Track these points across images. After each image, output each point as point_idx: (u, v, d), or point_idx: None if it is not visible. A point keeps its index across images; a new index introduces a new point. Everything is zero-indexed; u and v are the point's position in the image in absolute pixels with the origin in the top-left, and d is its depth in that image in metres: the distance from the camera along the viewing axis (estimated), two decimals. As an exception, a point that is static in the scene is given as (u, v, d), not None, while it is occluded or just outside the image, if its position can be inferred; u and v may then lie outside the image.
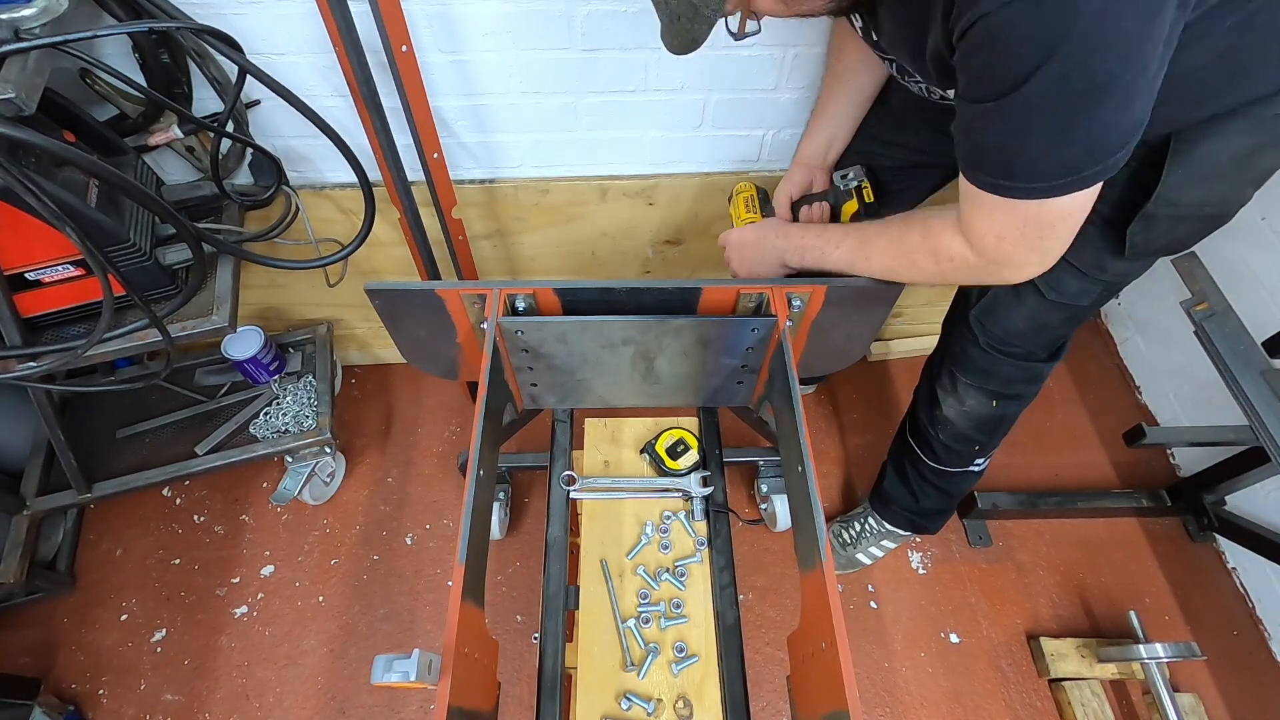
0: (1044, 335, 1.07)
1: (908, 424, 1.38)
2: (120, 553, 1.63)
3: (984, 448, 1.27)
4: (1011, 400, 1.17)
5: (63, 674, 1.47)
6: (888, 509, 1.50)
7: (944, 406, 1.23)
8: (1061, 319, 1.03)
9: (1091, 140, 0.64)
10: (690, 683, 0.96)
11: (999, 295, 1.05)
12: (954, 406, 1.21)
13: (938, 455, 1.31)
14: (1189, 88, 0.72)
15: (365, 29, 0.98)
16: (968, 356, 1.14)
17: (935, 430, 1.27)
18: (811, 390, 1.90)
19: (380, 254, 1.52)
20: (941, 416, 1.24)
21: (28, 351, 1.05)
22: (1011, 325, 1.06)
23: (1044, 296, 0.99)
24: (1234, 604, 1.60)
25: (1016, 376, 1.13)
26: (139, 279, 1.08)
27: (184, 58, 1.08)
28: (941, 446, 1.29)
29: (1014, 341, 1.08)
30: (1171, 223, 0.84)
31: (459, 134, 1.28)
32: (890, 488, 1.47)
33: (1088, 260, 0.93)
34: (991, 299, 1.07)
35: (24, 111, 0.78)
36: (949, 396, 1.21)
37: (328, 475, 1.68)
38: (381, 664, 0.63)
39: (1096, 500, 1.68)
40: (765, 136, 1.34)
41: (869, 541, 1.56)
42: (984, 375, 1.14)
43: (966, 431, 1.23)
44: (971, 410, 1.19)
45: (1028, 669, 1.50)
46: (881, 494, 1.50)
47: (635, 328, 0.95)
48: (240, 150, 1.25)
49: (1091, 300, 0.99)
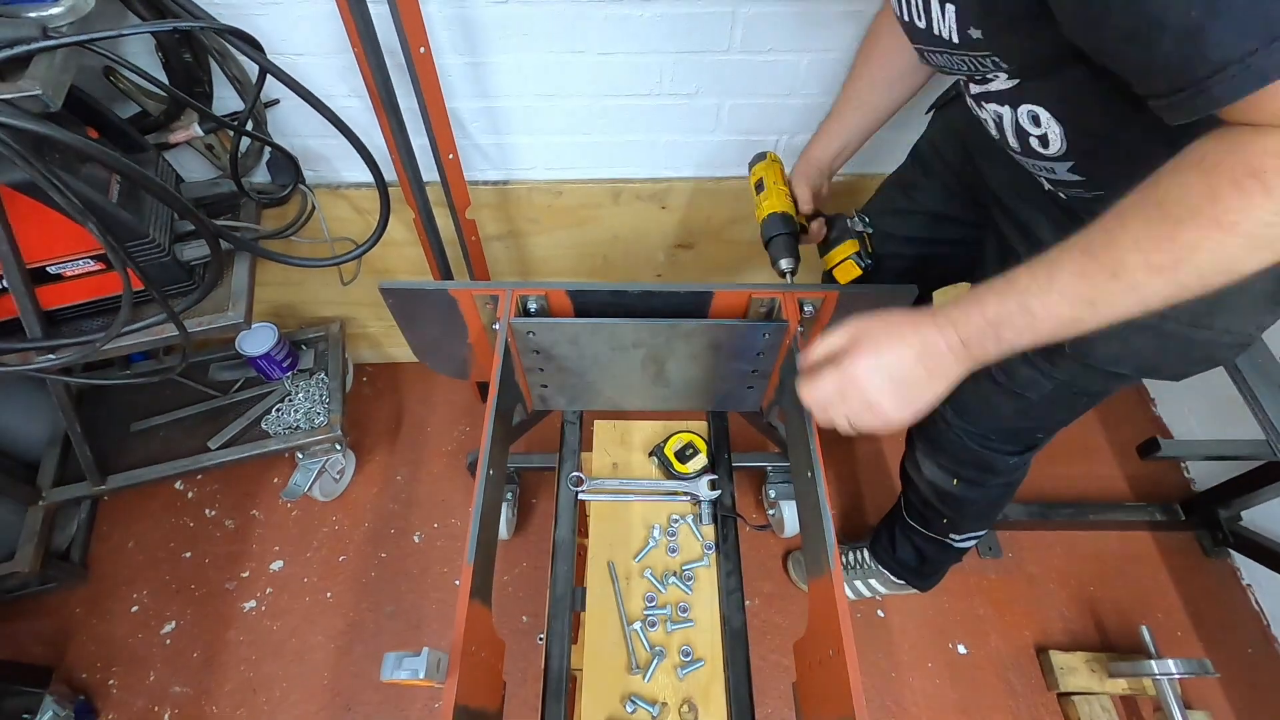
0: (996, 421, 0.99)
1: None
2: (132, 545, 1.65)
3: (954, 524, 1.20)
4: (970, 484, 1.10)
5: (74, 663, 1.49)
6: (874, 548, 1.49)
7: (909, 465, 1.21)
8: (1013, 409, 0.94)
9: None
10: (696, 687, 0.96)
11: None
12: (916, 470, 1.19)
13: (910, 512, 1.30)
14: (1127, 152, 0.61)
15: (384, 30, 0.99)
16: (924, 422, 1.07)
17: (905, 485, 1.27)
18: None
19: (394, 253, 1.53)
20: (908, 474, 1.23)
21: (47, 344, 1.07)
22: (964, 399, 0.95)
23: (994, 378, 0.91)
24: (1248, 621, 1.58)
25: (967, 458, 1.06)
26: (157, 274, 1.09)
27: (206, 57, 1.10)
28: (911, 504, 1.28)
29: (966, 418, 1.02)
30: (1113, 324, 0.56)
31: (474, 135, 1.29)
32: (880, 529, 1.47)
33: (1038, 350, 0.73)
34: None
35: (50, 108, 0.79)
36: (911, 458, 1.19)
37: (338, 472, 1.69)
38: (391, 661, 0.64)
39: (1109, 513, 1.66)
40: (779, 142, 1.34)
41: (858, 574, 1.54)
42: (934, 446, 1.10)
43: (929, 499, 1.19)
44: (932, 480, 1.15)
45: (1036, 682, 1.49)
46: (875, 533, 1.50)
47: (646, 331, 0.95)
48: (259, 149, 1.27)
49: (1041, 396, 0.88)
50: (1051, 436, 1.04)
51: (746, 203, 1.46)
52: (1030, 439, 1.03)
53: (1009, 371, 0.89)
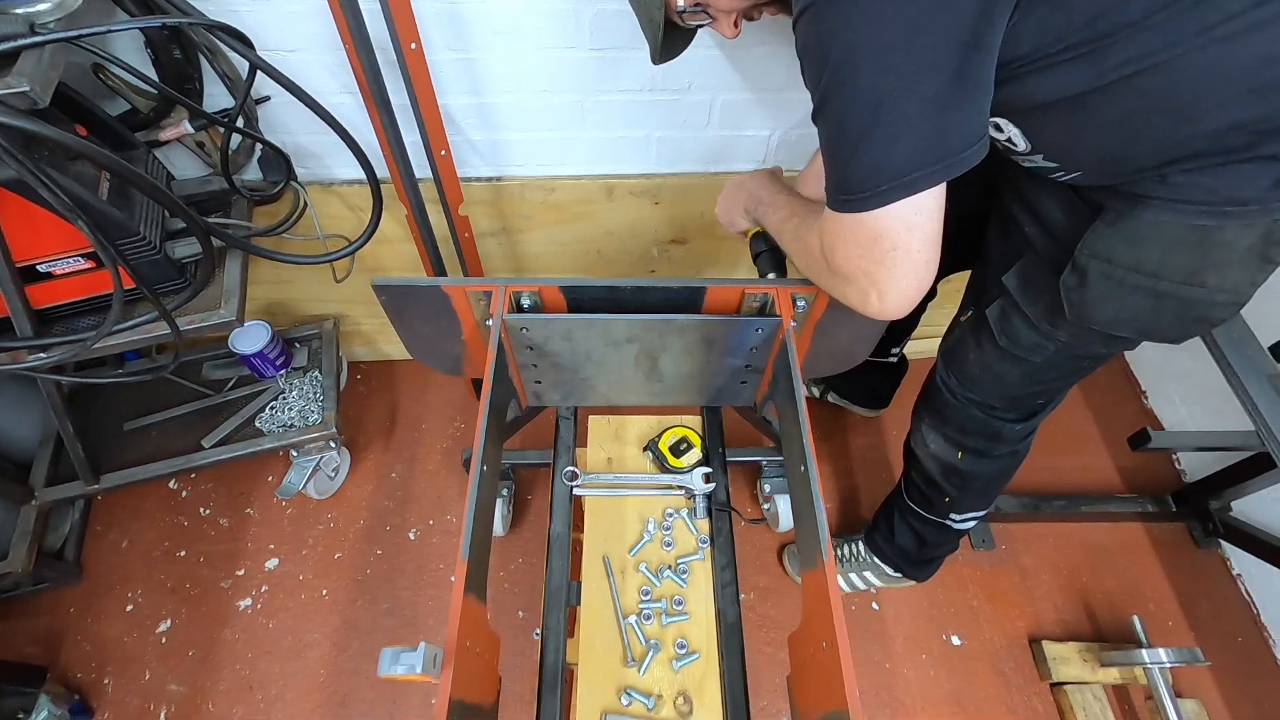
0: (1000, 387, 1.02)
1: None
2: (126, 544, 1.65)
3: (955, 502, 1.22)
4: (976, 455, 1.12)
5: (69, 663, 1.49)
6: (871, 540, 1.50)
7: (914, 442, 1.22)
8: (1019, 375, 0.97)
9: (876, 154, 0.62)
10: (691, 679, 0.96)
11: (962, 334, 1.03)
12: (922, 445, 1.20)
13: (912, 493, 1.31)
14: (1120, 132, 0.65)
15: (375, 26, 0.99)
16: (930, 393, 1.12)
17: (909, 464, 1.28)
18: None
19: (386, 250, 1.53)
20: (913, 451, 1.24)
21: (38, 342, 1.06)
22: (968, 368, 1.02)
23: (997, 343, 0.95)
24: (1238, 610, 1.59)
25: (973, 428, 1.09)
26: (149, 272, 1.09)
27: (196, 54, 1.09)
28: (913, 484, 1.29)
29: (970, 387, 1.05)
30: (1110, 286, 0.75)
31: (466, 132, 1.29)
32: (877, 517, 1.48)
33: (1040, 310, 0.87)
34: (957, 337, 1.04)
35: (38, 105, 0.78)
36: (917, 434, 1.20)
37: (332, 470, 1.69)
38: (388, 657, 0.64)
39: (1101, 504, 1.68)
40: (772, 137, 1.34)
41: (853, 567, 1.55)
42: (940, 417, 1.12)
43: (933, 475, 1.20)
44: (937, 454, 1.17)
45: (1030, 672, 1.50)
46: (872, 522, 1.51)
47: (640, 326, 0.96)
48: (250, 146, 1.26)
49: (1045, 359, 0.92)
50: (1054, 404, 1.07)
51: (740, 198, 1.47)
52: (1033, 405, 1.06)
53: (1012, 337, 0.93)
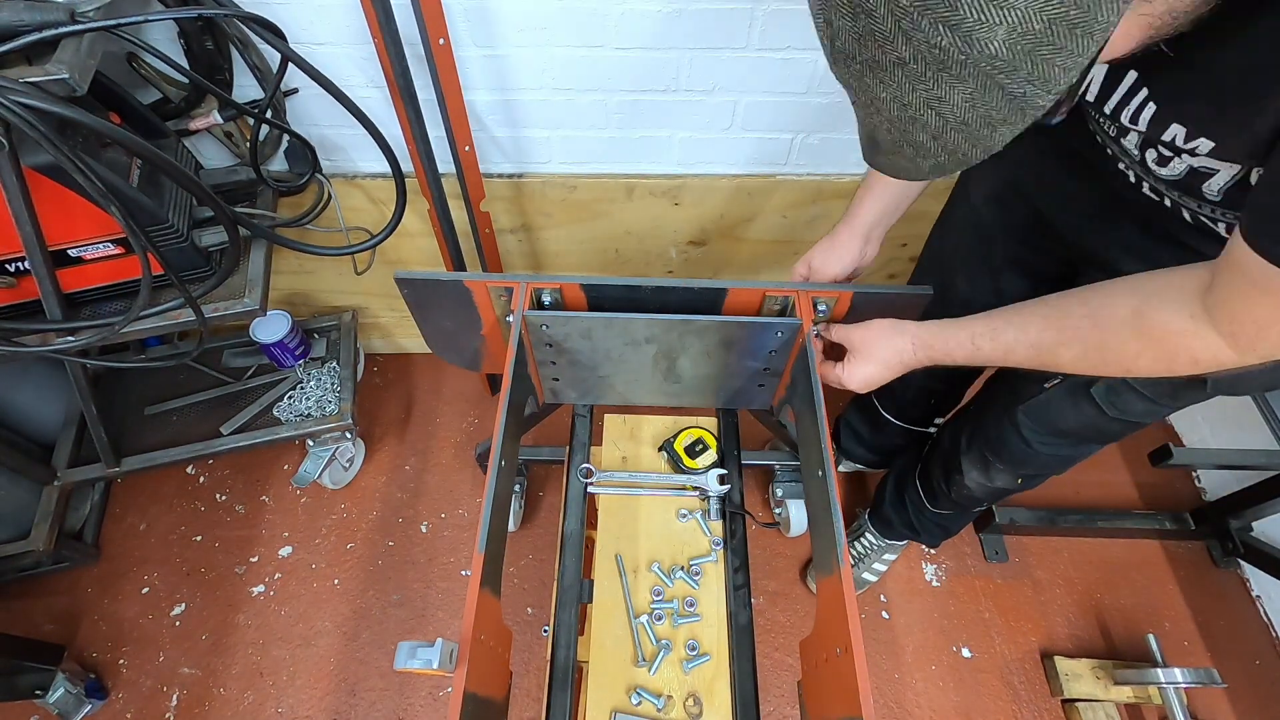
0: (1096, 438, 1.03)
1: (920, 467, 1.37)
2: (144, 527, 1.67)
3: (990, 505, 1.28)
4: (1039, 479, 1.15)
5: (85, 642, 1.51)
6: (889, 529, 1.51)
7: (966, 478, 1.21)
8: (1120, 429, 0.97)
9: None
10: (701, 681, 0.96)
11: (1054, 398, 0.99)
12: (978, 481, 1.19)
13: (940, 506, 1.32)
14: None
15: (404, 21, 1.00)
16: (1007, 446, 1.10)
17: (950, 490, 1.27)
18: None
19: (407, 244, 1.54)
20: (961, 483, 1.23)
21: (67, 326, 1.08)
22: (1064, 425, 1.01)
23: (1105, 413, 0.93)
24: (1257, 632, 1.57)
25: (1054, 465, 1.10)
26: (176, 259, 1.10)
27: (227, 44, 1.10)
28: (950, 503, 1.30)
29: (1061, 440, 1.04)
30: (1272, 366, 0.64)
31: (490, 128, 1.29)
32: (891, 512, 1.48)
33: (1162, 390, 0.86)
34: (1045, 400, 1.00)
35: (77, 92, 0.80)
36: (975, 472, 1.19)
37: (347, 460, 1.70)
38: (405, 650, 0.64)
39: (1118, 520, 1.65)
40: (794, 140, 1.34)
41: (873, 558, 1.56)
42: (1020, 464, 1.12)
43: (981, 499, 1.23)
44: (997, 488, 1.18)
45: (1040, 688, 1.48)
46: (882, 515, 1.51)
47: (659, 326, 0.96)
48: (277, 137, 1.28)
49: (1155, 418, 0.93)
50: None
51: (760, 201, 1.46)
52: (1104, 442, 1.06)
53: (1123, 408, 0.91)
